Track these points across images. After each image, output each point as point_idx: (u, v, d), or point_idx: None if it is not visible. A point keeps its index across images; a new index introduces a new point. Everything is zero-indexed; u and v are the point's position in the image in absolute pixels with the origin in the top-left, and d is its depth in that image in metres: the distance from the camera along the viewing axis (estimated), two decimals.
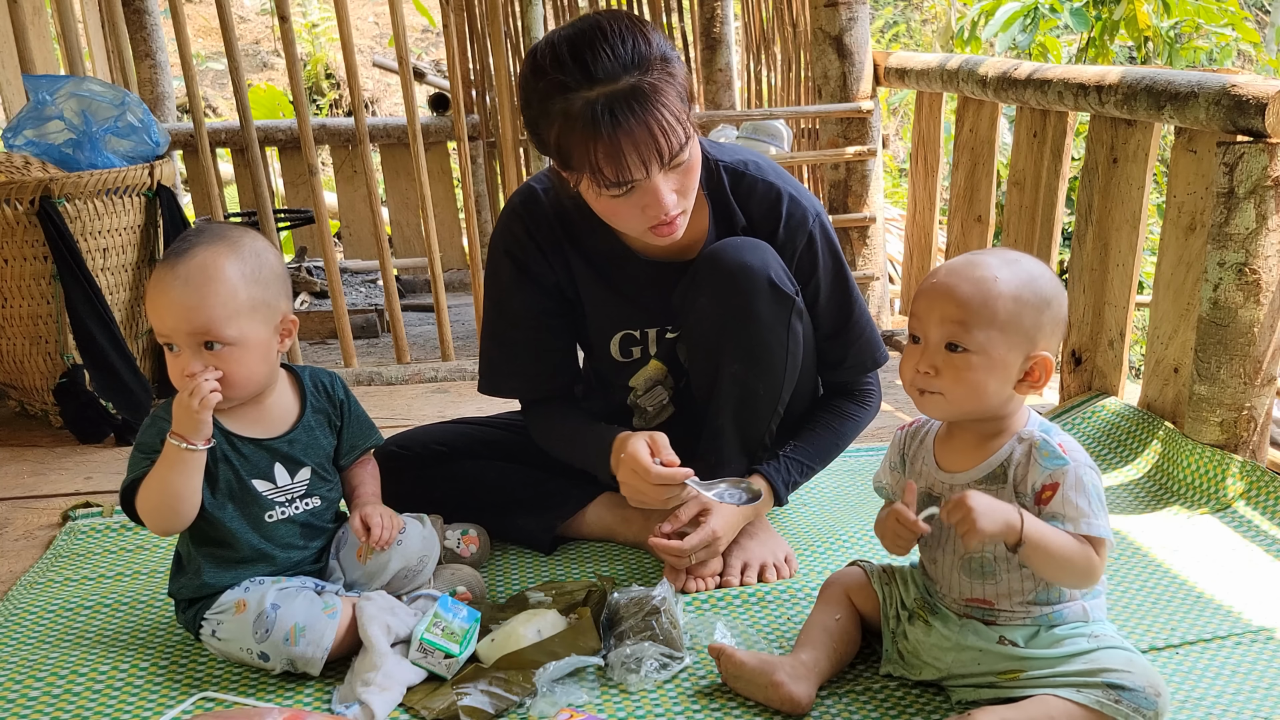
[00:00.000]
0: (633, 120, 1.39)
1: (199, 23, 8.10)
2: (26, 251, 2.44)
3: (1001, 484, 1.29)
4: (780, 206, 1.63)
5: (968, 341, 1.25)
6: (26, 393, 2.61)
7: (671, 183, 1.46)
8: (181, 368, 1.39)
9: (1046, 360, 1.27)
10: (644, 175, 1.43)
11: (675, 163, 1.45)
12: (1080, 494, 1.24)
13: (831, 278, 1.68)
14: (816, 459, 1.74)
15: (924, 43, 8.17)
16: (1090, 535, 1.23)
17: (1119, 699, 1.21)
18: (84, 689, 1.44)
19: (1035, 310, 1.26)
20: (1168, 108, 2.06)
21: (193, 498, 1.41)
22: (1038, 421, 1.31)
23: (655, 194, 1.45)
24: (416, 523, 1.58)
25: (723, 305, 1.59)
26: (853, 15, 3.12)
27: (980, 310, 1.24)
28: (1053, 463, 1.25)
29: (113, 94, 2.59)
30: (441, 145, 4.45)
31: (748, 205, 1.65)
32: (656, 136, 1.40)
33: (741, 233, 1.64)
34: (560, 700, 1.36)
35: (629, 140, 1.39)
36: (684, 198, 1.49)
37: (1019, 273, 1.27)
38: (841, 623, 1.40)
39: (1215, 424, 2.03)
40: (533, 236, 1.67)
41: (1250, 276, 1.94)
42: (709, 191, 1.64)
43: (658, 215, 1.47)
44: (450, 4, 2.96)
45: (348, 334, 2.95)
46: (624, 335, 1.73)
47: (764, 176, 1.65)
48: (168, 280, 1.39)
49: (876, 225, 3.25)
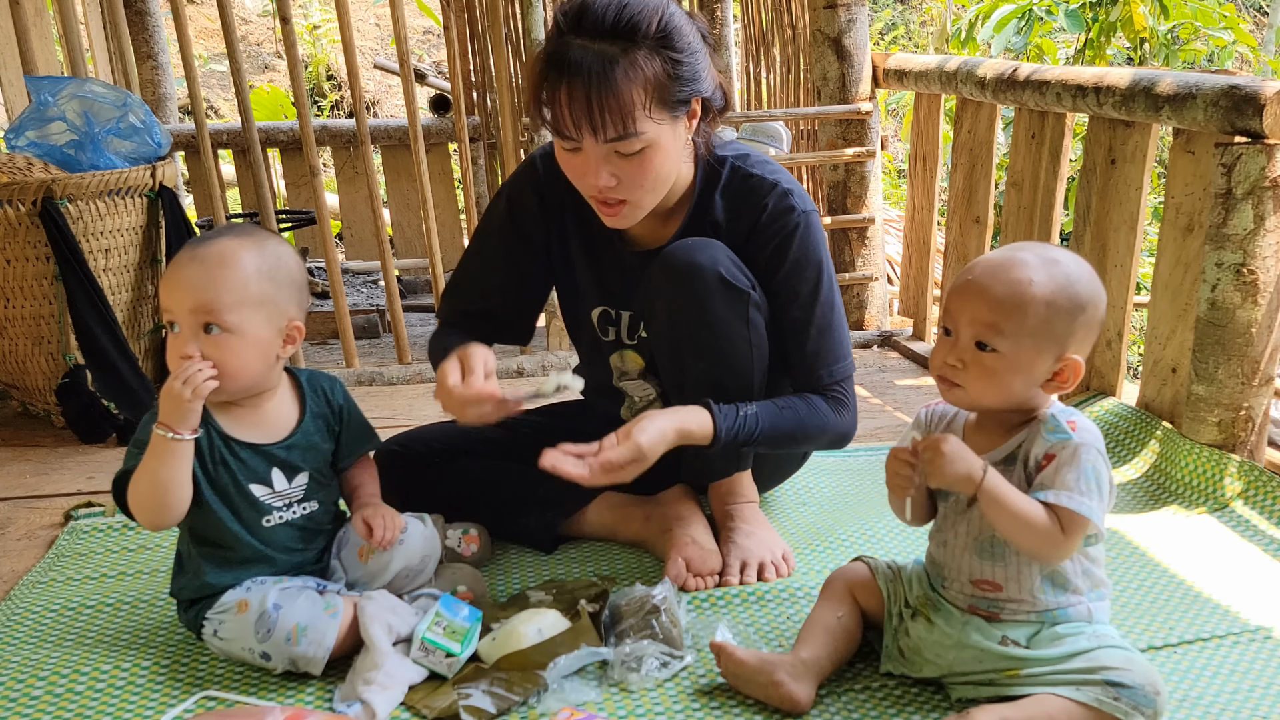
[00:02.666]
0: (580, 82, 1.42)
1: (201, 24, 8.10)
2: (29, 252, 2.44)
3: (1013, 465, 1.30)
4: (768, 198, 1.63)
5: (997, 343, 1.26)
6: (29, 393, 2.62)
7: (611, 164, 1.49)
8: (178, 349, 1.39)
9: (1076, 364, 1.27)
10: (579, 138, 1.46)
11: (623, 148, 1.47)
12: (1072, 469, 1.24)
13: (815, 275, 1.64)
14: (767, 418, 1.61)
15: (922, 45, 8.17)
16: (1065, 507, 1.23)
17: (1118, 697, 1.22)
18: (86, 688, 1.44)
19: (1069, 316, 1.25)
20: (1166, 109, 2.07)
21: (180, 490, 1.39)
22: (1058, 407, 1.32)
23: (592, 164, 1.48)
24: (418, 522, 1.59)
25: (677, 306, 1.60)
26: (851, 17, 3.13)
27: (1013, 314, 1.25)
28: (1055, 435, 1.26)
29: (115, 95, 2.60)
30: (442, 146, 4.45)
31: (735, 199, 1.65)
32: (593, 109, 1.43)
33: (710, 228, 1.65)
34: (570, 697, 1.37)
35: (567, 97, 1.44)
36: (630, 188, 1.51)
37: (1056, 275, 1.25)
38: (844, 621, 1.41)
39: (1213, 424, 2.03)
40: (538, 190, 1.71)
41: (1248, 277, 1.94)
42: (702, 184, 1.66)
43: (592, 188, 1.51)
44: (451, 6, 2.97)
45: (349, 334, 2.96)
46: (602, 311, 1.76)
47: (764, 172, 1.66)
48: (184, 260, 1.41)
49: (875, 226, 3.25)
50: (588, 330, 1.80)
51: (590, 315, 1.77)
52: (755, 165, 1.67)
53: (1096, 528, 1.26)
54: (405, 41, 2.86)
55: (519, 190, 1.73)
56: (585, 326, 1.81)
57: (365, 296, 3.88)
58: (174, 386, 1.36)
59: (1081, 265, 1.29)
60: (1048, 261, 1.27)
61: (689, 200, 1.66)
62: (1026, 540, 1.27)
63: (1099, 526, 1.26)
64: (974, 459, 1.25)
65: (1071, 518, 1.24)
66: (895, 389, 2.76)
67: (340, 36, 2.86)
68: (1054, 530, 1.24)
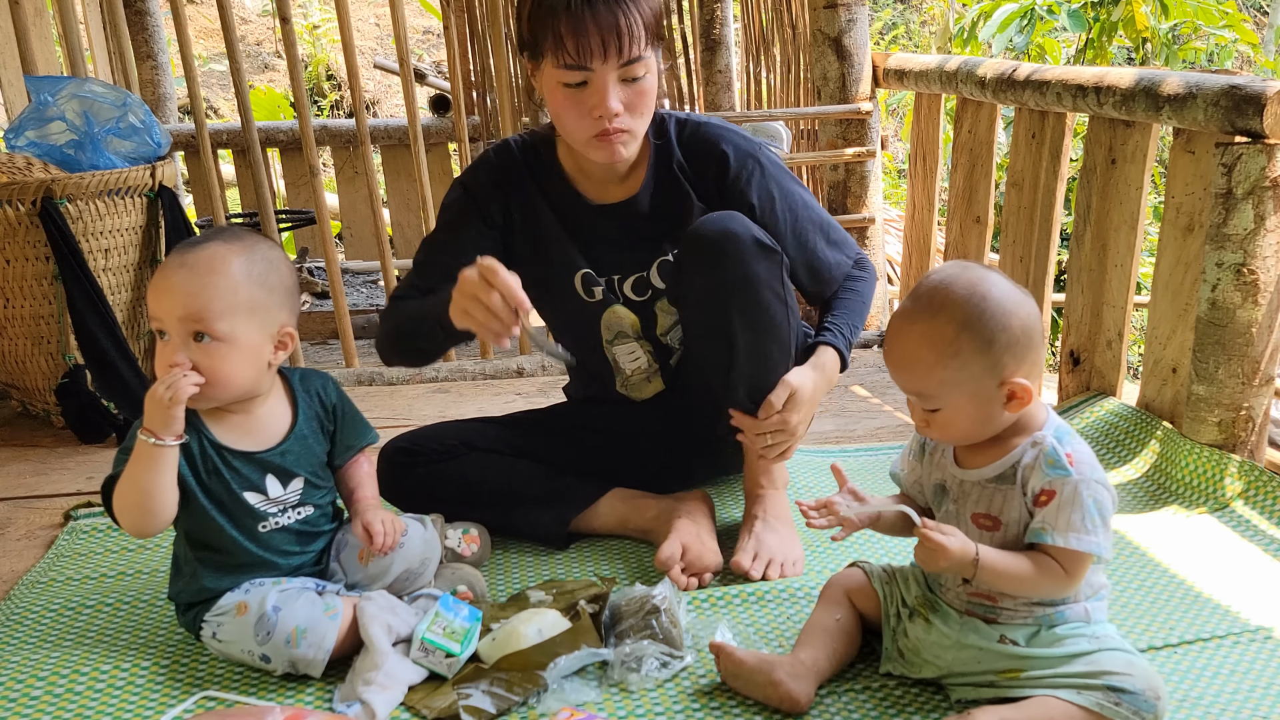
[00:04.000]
0: (602, 4, 1.50)
1: (200, 24, 8.10)
2: (28, 252, 2.44)
3: (1010, 484, 1.29)
4: (722, 144, 1.71)
5: (934, 404, 1.29)
6: (28, 393, 2.62)
7: (621, 93, 1.55)
8: (167, 358, 1.38)
9: (1019, 386, 1.25)
10: (600, 62, 1.52)
11: (630, 73, 1.55)
12: (1075, 508, 1.24)
13: (797, 196, 1.74)
14: (856, 315, 1.78)
15: (923, 44, 8.17)
16: (1070, 549, 1.23)
17: (1119, 701, 1.21)
18: (86, 688, 1.44)
19: (979, 353, 1.24)
20: (1166, 108, 2.07)
21: (164, 496, 1.38)
22: (1054, 425, 1.30)
23: (603, 93, 1.54)
24: (418, 525, 1.59)
25: (721, 277, 1.62)
26: (852, 17, 3.13)
27: (925, 380, 1.27)
28: (1054, 471, 1.25)
29: (114, 95, 2.59)
30: (442, 146, 4.45)
31: (690, 146, 1.72)
32: (620, 28, 1.51)
33: (678, 170, 1.71)
34: (570, 698, 1.36)
35: (592, 21, 1.50)
36: (631, 116, 1.57)
37: (944, 326, 1.24)
38: (842, 623, 1.41)
39: (1213, 424, 2.03)
40: (494, 177, 1.76)
41: (1248, 277, 1.94)
42: (655, 139, 1.72)
43: (602, 119, 1.55)
44: (451, 5, 2.97)
45: (349, 334, 2.96)
46: (584, 274, 1.77)
47: (709, 122, 1.74)
48: (173, 266, 1.39)
49: (875, 226, 3.25)
50: (571, 300, 1.79)
51: (573, 283, 1.77)
52: (693, 118, 1.76)
53: (1103, 559, 1.26)
54: (405, 41, 2.85)
55: (473, 179, 1.77)
56: (568, 297, 1.78)
57: (365, 296, 3.88)
58: (157, 391, 1.35)
59: (980, 290, 1.24)
60: (935, 309, 1.26)
61: (647, 149, 1.71)
62: (1031, 592, 1.28)
63: (1106, 556, 1.26)
64: (967, 545, 1.25)
65: (1079, 557, 1.24)
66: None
67: (340, 36, 2.86)
68: (1056, 573, 1.25)
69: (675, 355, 1.83)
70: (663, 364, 1.83)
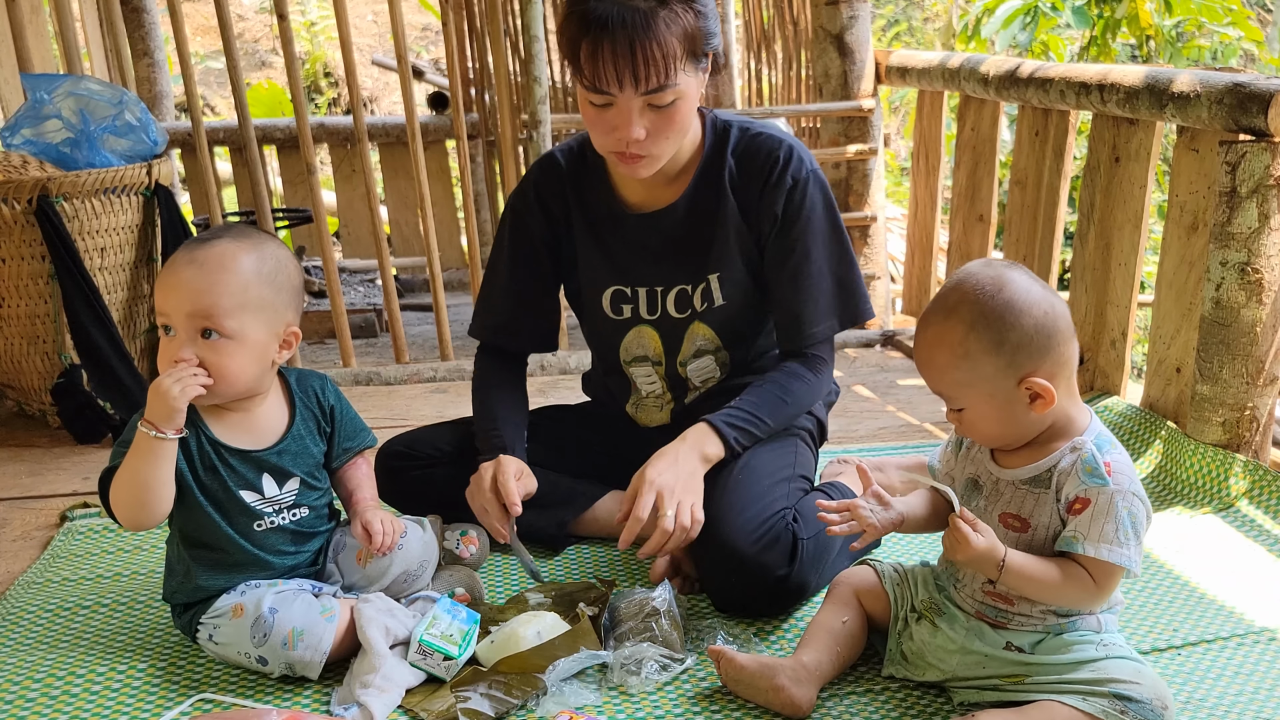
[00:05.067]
0: (621, 34, 1.45)
1: (197, 21, 8.09)
2: (24, 251, 2.43)
3: (1045, 488, 1.27)
4: (778, 153, 1.66)
5: (958, 405, 1.28)
6: (24, 393, 2.61)
7: (646, 118, 1.52)
8: (173, 353, 1.37)
9: (1040, 385, 1.23)
10: (617, 90, 1.49)
11: (654, 99, 1.50)
12: (1109, 519, 1.22)
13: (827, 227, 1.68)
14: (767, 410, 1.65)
15: (925, 41, 8.16)
16: (1101, 560, 1.22)
17: (1125, 710, 1.20)
18: (82, 690, 1.43)
19: (987, 353, 1.23)
20: (1170, 106, 2.06)
21: (161, 489, 1.37)
22: (1096, 432, 1.28)
23: (626, 118, 1.51)
24: (417, 527, 1.58)
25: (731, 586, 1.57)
26: (854, 13, 3.12)
27: (941, 380, 1.28)
28: (1091, 480, 1.23)
29: (110, 93, 2.58)
30: (440, 144, 4.43)
31: (744, 157, 1.68)
32: (637, 59, 1.46)
33: (726, 186, 1.67)
34: (569, 700, 1.35)
35: (609, 50, 1.46)
36: (656, 140, 1.55)
37: (957, 324, 1.24)
38: (848, 625, 1.39)
39: (1218, 424, 2.02)
40: (539, 194, 1.75)
41: (1253, 276, 1.93)
42: (708, 148, 1.68)
43: (623, 141, 1.52)
44: (449, 2, 2.95)
45: (346, 334, 2.94)
46: (615, 291, 1.76)
47: (773, 133, 1.70)
48: (182, 262, 1.39)
49: (878, 224, 3.24)
50: (598, 316, 1.79)
51: (601, 299, 1.76)
52: (761, 127, 1.71)
53: (1133, 573, 1.25)
54: (403, 38, 2.84)
55: (521, 200, 1.78)
56: (595, 313, 1.79)
57: (362, 295, 3.86)
58: (164, 384, 1.35)
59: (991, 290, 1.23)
60: (947, 310, 1.26)
61: (696, 161, 1.69)
62: (1056, 600, 1.27)
63: (1136, 571, 1.24)
64: (996, 546, 1.23)
65: (1110, 569, 1.23)
66: (898, 389, 2.75)
67: (338, 33, 2.85)
68: (1085, 583, 1.24)
69: (691, 395, 1.80)
70: (676, 399, 1.81)
